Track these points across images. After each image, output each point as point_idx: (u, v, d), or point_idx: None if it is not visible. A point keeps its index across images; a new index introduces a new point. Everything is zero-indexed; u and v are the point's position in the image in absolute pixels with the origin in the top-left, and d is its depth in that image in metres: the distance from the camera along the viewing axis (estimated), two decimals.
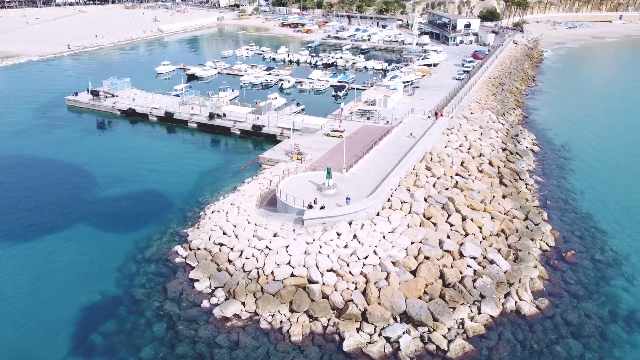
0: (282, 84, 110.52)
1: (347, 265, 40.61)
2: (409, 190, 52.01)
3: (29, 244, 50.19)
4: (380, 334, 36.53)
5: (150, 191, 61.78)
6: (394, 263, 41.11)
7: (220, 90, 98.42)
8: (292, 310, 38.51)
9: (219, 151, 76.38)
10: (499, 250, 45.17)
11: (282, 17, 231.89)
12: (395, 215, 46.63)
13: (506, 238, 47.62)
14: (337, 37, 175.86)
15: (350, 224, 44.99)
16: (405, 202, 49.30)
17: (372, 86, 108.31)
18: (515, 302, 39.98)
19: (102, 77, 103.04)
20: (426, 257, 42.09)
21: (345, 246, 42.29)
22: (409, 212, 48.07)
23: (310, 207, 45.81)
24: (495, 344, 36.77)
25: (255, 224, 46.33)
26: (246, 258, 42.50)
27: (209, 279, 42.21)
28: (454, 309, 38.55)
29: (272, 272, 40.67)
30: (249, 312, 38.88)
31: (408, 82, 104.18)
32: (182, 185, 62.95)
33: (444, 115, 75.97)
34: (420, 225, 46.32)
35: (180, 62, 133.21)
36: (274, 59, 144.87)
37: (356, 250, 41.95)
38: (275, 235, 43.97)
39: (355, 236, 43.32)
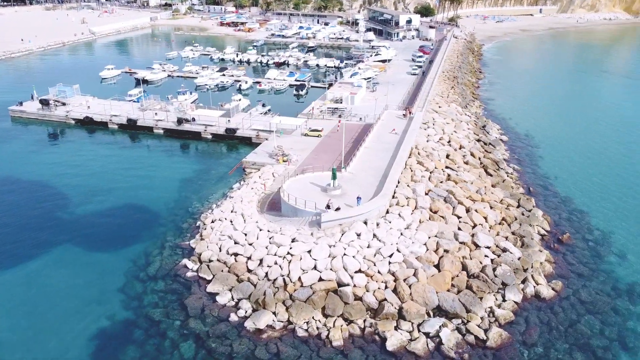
0: (240, 85, 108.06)
1: (374, 264, 40.58)
2: (408, 185, 52.73)
3: (11, 273, 45.81)
4: (419, 330, 36.85)
5: (132, 204, 58.36)
6: (417, 259, 41.58)
7: (179, 93, 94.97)
8: (326, 315, 37.93)
9: (194, 157, 73.49)
10: (506, 238, 46.98)
11: (218, 15, 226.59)
12: (405, 211, 47.17)
13: (509, 225, 49.65)
14: (282, 36, 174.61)
15: (365, 223, 44.91)
16: (409, 198, 49.96)
17: (330, 84, 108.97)
18: (534, 286, 41.76)
19: (41, 84, 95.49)
20: (445, 251, 42.98)
21: (368, 246, 42.23)
22: (416, 208, 48.77)
23: (328, 208, 45.23)
24: (525, 329, 38.26)
25: (269, 230, 45.11)
26: (268, 266, 41.27)
27: (230, 291, 40.61)
28: (481, 298, 39.64)
29: (300, 279, 39.81)
30: (282, 322, 37.83)
31: (368, 78, 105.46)
32: (164, 195, 60.01)
33: (412, 113, 76.79)
34: (429, 220, 47.12)
35: (124, 65, 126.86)
36: (222, 59, 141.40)
37: (380, 249, 42.03)
38: (294, 240, 43.02)
39: (375, 235, 43.35)
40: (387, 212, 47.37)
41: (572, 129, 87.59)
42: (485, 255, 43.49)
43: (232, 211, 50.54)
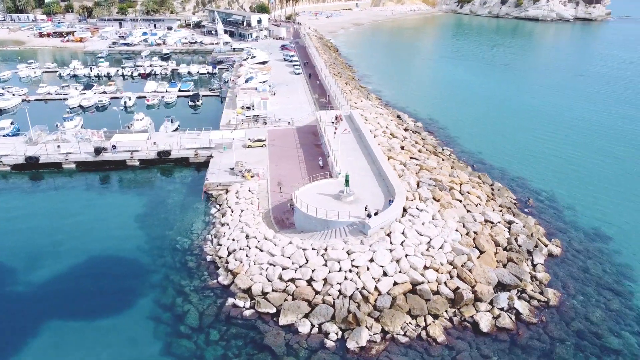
0: (125, 102, 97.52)
1: (434, 258, 42.72)
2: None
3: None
4: (494, 307, 40.41)
5: (102, 257, 49.81)
6: (460, 244, 44.96)
7: (65, 119, 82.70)
8: (414, 316, 39.01)
9: (133, 189, 64.77)
10: (501, 211, 53.25)
11: (31, 25, 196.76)
12: (420, 204, 50.07)
13: (494, 200, 56.08)
14: (127, 44, 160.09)
15: (399, 222, 46.57)
16: (409, 191, 52.85)
17: (220, 91, 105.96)
18: (545, 247, 48.56)
19: None
20: (475, 232, 47.20)
21: (420, 243, 44.07)
22: (420, 200, 51.95)
23: (369, 215, 45.51)
24: (562, 284, 44.66)
25: (313, 248, 43.71)
26: (338, 283, 40.37)
27: (307, 317, 38.83)
28: (520, 267, 44.88)
29: (376, 288, 39.99)
30: (378, 333, 37.78)
31: (264, 81, 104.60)
32: (132, 238, 52.79)
33: (343, 119, 77.90)
34: (442, 208, 50.78)
35: None
36: (75, 75, 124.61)
37: (429, 242, 44.29)
38: (349, 252, 42.59)
39: (417, 231, 45.33)
40: (404, 209, 49.57)
41: (458, 106, 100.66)
42: (503, 230, 48.94)
43: (247, 237, 47.37)
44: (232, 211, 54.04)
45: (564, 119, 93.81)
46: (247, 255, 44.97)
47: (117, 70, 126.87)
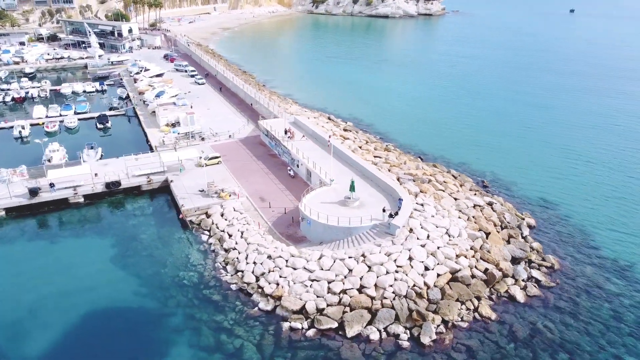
0: (20, 132, 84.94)
1: (458, 246, 46.32)
2: None
3: None
4: (517, 279, 45.53)
5: (102, 316, 43.07)
6: (469, 228, 49.36)
7: None
8: (462, 302, 42.18)
9: (91, 229, 57.14)
10: (474, 194, 59.12)
11: None
12: (417, 199, 53.45)
13: (464, 185, 61.81)
14: None
15: (412, 218, 49.34)
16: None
17: (125, 109, 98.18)
18: (523, 220, 55.47)
19: None
20: (473, 217, 52.02)
21: (442, 234, 47.29)
22: (410, 194, 55.34)
23: (391, 216, 47.21)
24: (552, 250, 51.67)
25: (350, 257, 44.30)
26: (390, 285, 41.73)
27: (371, 324, 39.72)
28: (519, 240, 50.86)
29: (425, 283, 42.27)
30: (440, 324, 40.19)
31: (175, 95, 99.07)
32: (126, 285, 47.15)
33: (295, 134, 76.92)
34: (435, 199, 54.76)
35: None
36: None
37: (447, 232, 47.77)
38: (388, 254, 44.08)
39: (434, 224, 48.49)
40: None
41: (368, 103, 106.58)
42: (492, 211, 54.61)
43: (270, 257, 46.09)
44: (230, 235, 51.75)
45: (461, 103, 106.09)
46: (281, 276, 43.89)
47: None
